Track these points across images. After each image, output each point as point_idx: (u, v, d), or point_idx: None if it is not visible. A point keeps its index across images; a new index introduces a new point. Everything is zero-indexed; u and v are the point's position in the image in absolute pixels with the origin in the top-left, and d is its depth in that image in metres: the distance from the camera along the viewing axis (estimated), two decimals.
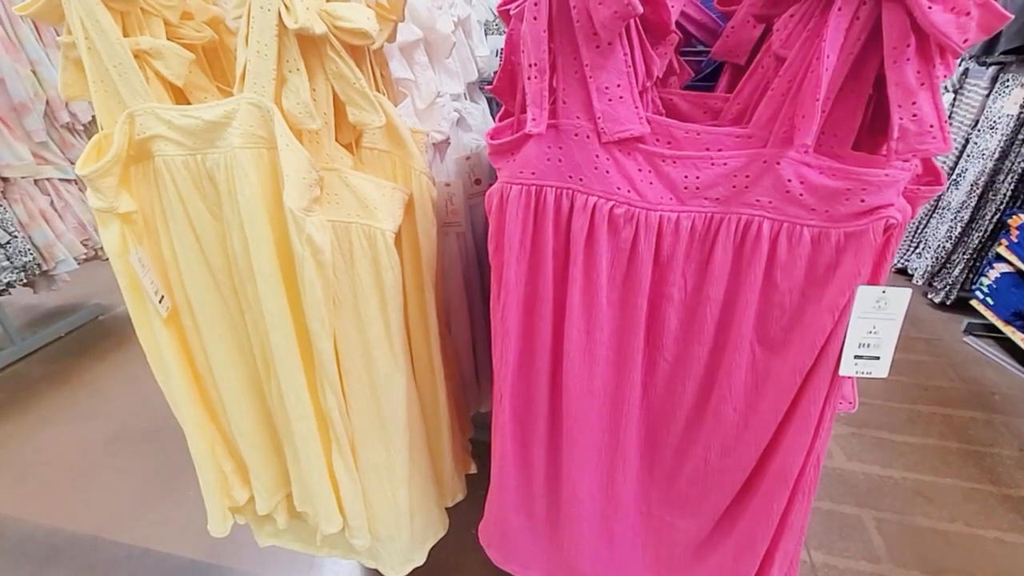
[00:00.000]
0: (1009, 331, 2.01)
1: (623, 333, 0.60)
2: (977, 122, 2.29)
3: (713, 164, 0.52)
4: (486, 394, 1.16)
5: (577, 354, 0.60)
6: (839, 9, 0.43)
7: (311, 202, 0.63)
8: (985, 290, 2.14)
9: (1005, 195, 2.17)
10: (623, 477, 0.70)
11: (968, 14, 0.40)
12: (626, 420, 0.65)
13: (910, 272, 2.56)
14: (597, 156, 0.52)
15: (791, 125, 0.49)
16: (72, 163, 2.20)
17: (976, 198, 2.23)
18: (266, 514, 0.92)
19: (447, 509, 1.01)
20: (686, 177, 0.52)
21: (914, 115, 0.45)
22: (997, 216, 2.21)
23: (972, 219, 2.27)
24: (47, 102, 2.03)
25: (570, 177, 0.53)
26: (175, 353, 0.78)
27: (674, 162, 0.52)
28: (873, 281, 0.52)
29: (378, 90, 0.70)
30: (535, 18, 0.47)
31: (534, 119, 0.50)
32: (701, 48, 0.71)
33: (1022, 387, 1.92)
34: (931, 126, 0.45)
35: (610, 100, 0.50)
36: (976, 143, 2.27)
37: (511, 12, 0.52)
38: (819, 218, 0.50)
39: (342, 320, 0.72)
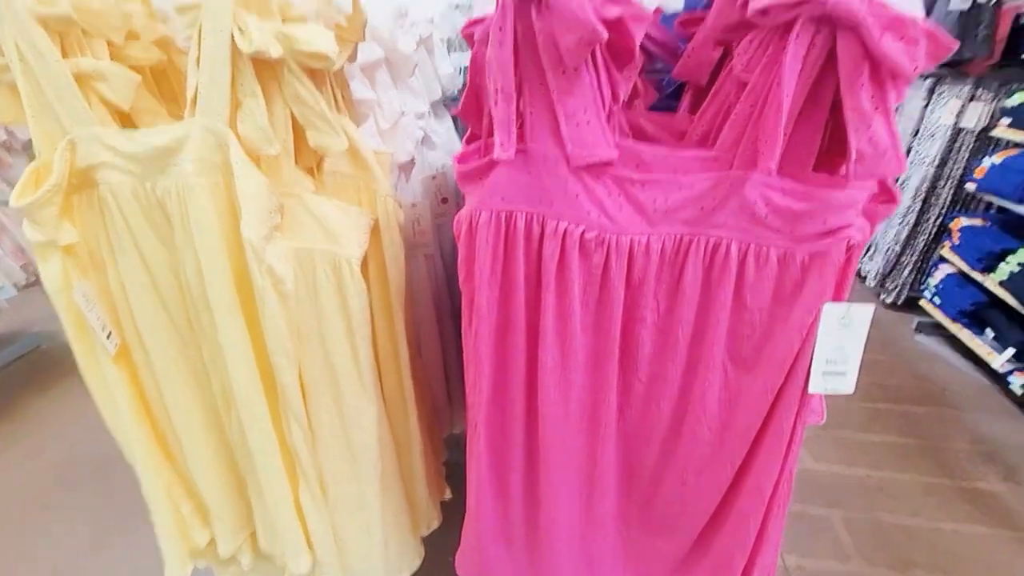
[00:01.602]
0: (956, 328, 2.11)
1: (598, 357, 0.59)
2: (918, 131, 2.43)
3: (681, 187, 0.52)
4: (459, 415, 1.14)
5: (552, 380, 0.59)
6: (796, 37, 0.44)
7: (271, 230, 0.61)
8: (932, 290, 2.25)
9: (946, 200, 2.30)
10: (601, 499, 0.69)
11: (917, 43, 0.42)
12: (603, 443, 0.64)
13: (863, 275, 2.67)
14: (567, 181, 0.51)
15: (755, 148, 0.49)
16: (8, 184, 2.07)
17: (920, 203, 2.35)
18: (230, 556, 0.87)
19: (422, 538, 0.98)
20: (655, 200, 0.52)
21: (871, 139, 0.46)
22: (940, 220, 2.33)
23: (917, 223, 2.40)
24: None
25: (540, 202, 0.53)
26: (125, 391, 0.74)
27: (643, 186, 0.52)
28: (837, 298, 0.53)
29: (339, 111, 0.67)
30: (500, 44, 0.47)
31: (502, 145, 0.50)
32: (662, 66, 0.73)
33: (970, 382, 2.02)
34: (887, 149, 0.47)
35: (578, 125, 0.49)
36: (917, 151, 2.40)
37: (475, 36, 0.51)
38: (784, 239, 0.51)
39: (307, 351, 0.69)
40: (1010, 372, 1.87)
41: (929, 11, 2.20)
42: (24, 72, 0.58)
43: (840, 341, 0.53)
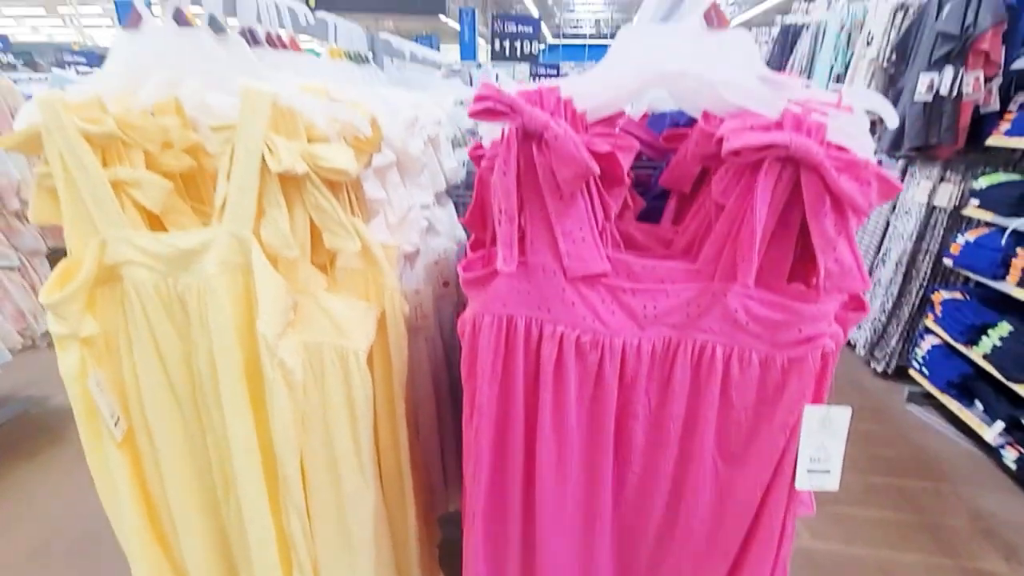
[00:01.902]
0: (946, 400, 2.14)
1: (593, 451, 0.62)
2: (894, 207, 2.56)
3: (668, 295, 0.57)
4: (454, 494, 1.14)
5: (549, 473, 0.62)
6: (765, 173, 0.51)
7: (284, 327, 0.64)
8: (920, 360, 2.30)
9: (926, 273, 2.39)
10: None
11: (869, 184, 0.48)
12: (599, 535, 0.65)
13: (852, 343, 2.72)
14: (563, 290, 0.56)
15: (733, 263, 0.55)
16: (16, 249, 2.12)
17: (901, 276, 2.44)
18: None
19: None
20: (644, 306, 0.57)
21: (836, 259, 0.52)
22: (922, 292, 2.41)
23: (901, 294, 2.47)
24: None
25: (539, 308, 0.57)
26: (126, 476, 0.74)
27: (633, 293, 0.57)
28: (816, 400, 0.57)
29: (353, 212, 0.73)
30: (505, 173, 0.53)
31: (505, 259, 0.55)
32: (648, 161, 0.80)
33: (964, 455, 2.02)
34: (851, 268, 0.52)
35: (574, 242, 0.55)
36: (895, 226, 2.52)
37: (483, 161, 0.57)
38: (765, 344, 0.56)
39: (310, 438, 0.71)
40: (1002, 446, 1.88)
41: (896, 102, 2.38)
42: (65, 180, 0.64)
43: (822, 441, 0.56)
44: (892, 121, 0.56)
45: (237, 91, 0.62)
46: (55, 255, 2.25)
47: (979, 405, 2.03)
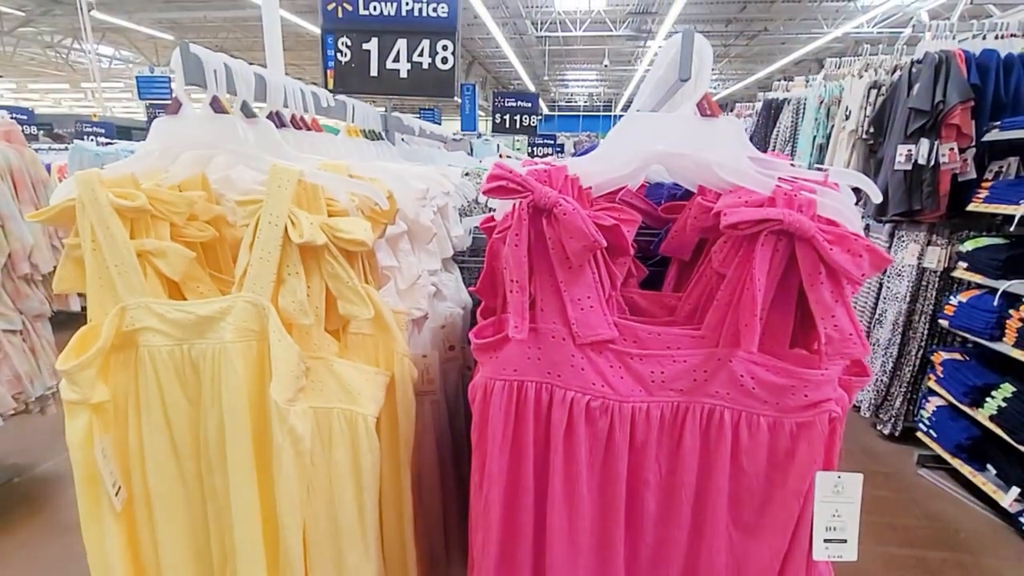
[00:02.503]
0: (957, 464, 2.09)
1: (605, 520, 0.61)
2: (886, 269, 2.62)
3: (675, 361, 0.58)
4: (456, 569, 1.09)
5: (561, 543, 0.60)
6: (762, 244, 0.54)
7: (296, 392, 0.65)
8: (927, 423, 2.27)
9: (923, 333, 2.41)
10: None
11: (861, 256, 0.51)
12: None
13: (856, 405, 2.69)
14: (573, 355, 0.58)
15: (736, 329, 0.57)
16: (20, 313, 2.13)
17: (899, 336, 2.46)
18: None
19: None
20: (652, 372, 0.58)
21: (835, 325, 0.54)
22: (921, 352, 2.42)
23: (900, 355, 2.48)
24: (8, 255, 2.03)
25: (548, 373, 0.58)
26: (121, 552, 0.72)
27: (641, 359, 0.58)
28: (827, 467, 0.57)
29: (366, 280, 0.76)
30: (516, 245, 0.56)
31: (516, 327, 0.57)
32: (648, 230, 0.83)
33: (982, 522, 1.96)
34: (850, 334, 0.54)
35: (582, 309, 0.57)
36: (889, 287, 2.57)
37: (495, 233, 0.60)
38: (772, 409, 0.56)
39: (314, 508, 0.70)
40: (1020, 512, 1.82)
41: (877, 169, 2.50)
42: (93, 251, 0.67)
43: (836, 508, 0.56)
44: (876, 197, 0.60)
45: (265, 168, 0.66)
46: (58, 318, 2.26)
47: (991, 469, 1.99)
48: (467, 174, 1.33)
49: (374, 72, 1.30)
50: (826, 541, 0.56)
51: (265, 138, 0.72)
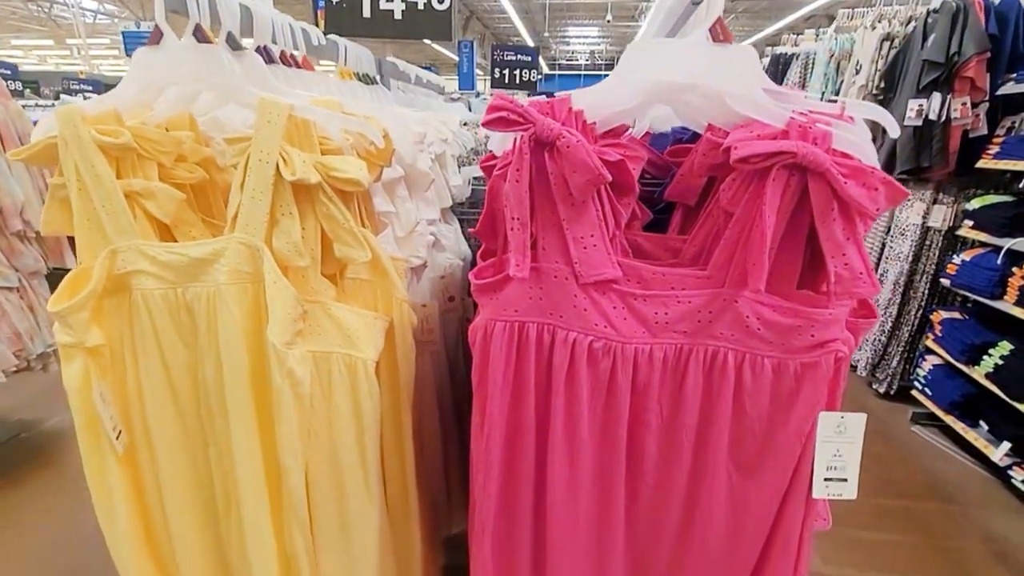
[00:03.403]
0: (950, 420, 2.12)
1: (605, 462, 0.61)
2: (889, 228, 2.59)
3: (679, 301, 0.57)
4: (458, 514, 1.11)
5: (561, 484, 0.61)
6: (773, 180, 0.52)
7: (294, 335, 0.64)
8: (922, 381, 2.29)
9: (924, 293, 2.41)
10: None
11: (876, 189, 0.49)
12: (611, 550, 0.64)
13: (853, 364, 2.71)
14: (575, 296, 0.56)
15: (743, 269, 0.55)
16: (16, 270, 2.11)
17: (900, 296, 2.45)
18: None
19: None
20: (656, 313, 0.57)
21: (846, 264, 0.52)
22: (921, 312, 2.42)
23: (900, 315, 2.48)
24: (0, 210, 1.99)
25: (551, 314, 0.57)
26: (125, 495, 0.73)
27: (644, 300, 0.57)
28: (830, 407, 0.57)
29: (363, 225, 0.74)
30: (517, 180, 0.53)
31: (517, 265, 0.55)
32: (651, 179, 0.81)
33: (972, 476, 2.00)
34: (860, 273, 0.52)
35: (585, 248, 0.55)
36: (891, 247, 2.55)
37: (495, 170, 0.58)
38: (777, 350, 0.56)
39: (315, 452, 0.70)
40: (1009, 466, 1.86)
41: None
42: (79, 191, 0.64)
43: (838, 448, 0.55)
44: (893, 131, 0.58)
45: (252, 104, 0.63)
46: (55, 276, 2.25)
47: (984, 426, 2.02)
48: (465, 124, 1.29)
49: (367, 13, 1.24)
50: (826, 480, 0.56)
51: (253, 72, 0.69)
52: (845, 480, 0.56)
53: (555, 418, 0.59)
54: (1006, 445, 1.88)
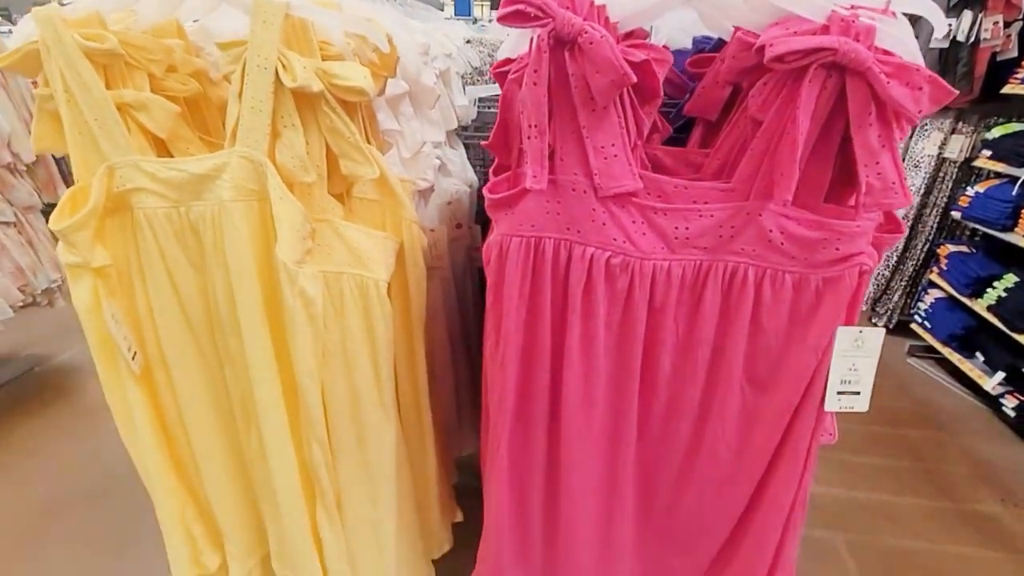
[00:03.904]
0: (947, 352, 2.16)
1: (619, 379, 0.61)
2: (903, 160, 2.52)
3: (701, 216, 0.55)
4: (468, 436, 1.15)
5: (575, 400, 0.61)
6: (809, 81, 0.48)
7: (303, 254, 0.63)
8: (923, 314, 2.31)
9: (932, 227, 2.38)
10: (619, 520, 0.70)
11: (920, 89, 0.46)
12: (623, 464, 0.66)
13: None
14: (594, 209, 0.54)
15: (770, 181, 0.53)
16: (11, 204, 2.07)
17: (907, 230, 2.42)
18: None
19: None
20: (676, 228, 0.55)
21: (878, 173, 0.50)
22: (927, 246, 2.40)
23: (906, 249, 2.46)
24: None
25: (568, 229, 0.56)
26: (145, 412, 0.74)
27: (665, 214, 0.55)
28: (848, 322, 0.56)
29: (368, 142, 0.70)
30: (535, 84, 0.50)
31: (534, 176, 0.53)
32: (668, 100, 0.77)
33: (965, 406, 2.06)
34: (893, 183, 0.50)
35: (605, 158, 0.52)
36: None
37: (510, 76, 0.54)
38: (799, 265, 0.54)
39: (330, 371, 0.71)
40: (1002, 395, 1.91)
41: None
42: (68, 102, 0.61)
43: (854, 362, 0.56)
44: (940, 28, 0.54)
45: (245, 4, 0.58)
46: (50, 212, 2.21)
47: (980, 357, 2.05)
48: (468, 42, 1.21)
49: None
50: (839, 393, 0.57)
51: None
52: (858, 393, 0.57)
53: (570, 335, 0.59)
54: (1000, 375, 1.92)
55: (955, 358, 2.11)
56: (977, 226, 2.10)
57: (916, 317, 2.35)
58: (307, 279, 0.62)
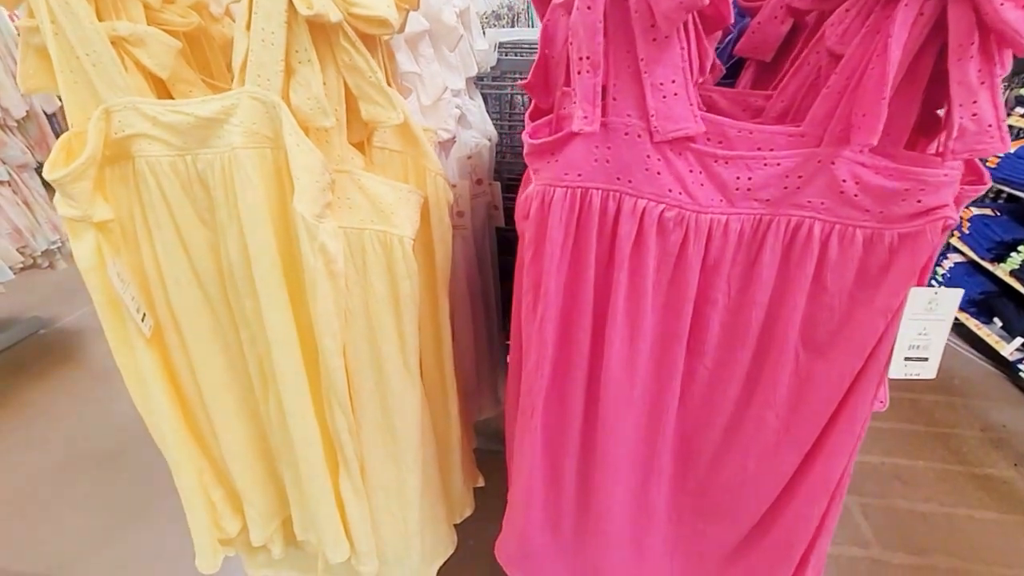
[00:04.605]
0: (963, 317, 2.13)
1: (665, 341, 0.57)
2: None
3: (766, 164, 0.50)
4: (487, 400, 1.13)
5: (618, 364, 0.57)
6: (905, 5, 0.42)
7: (323, 208, 0.57)
8: (940, 280, 2.26)
9: None
10: (655, 486, 0.67)
11: None
12: (663, 429, 0.63)
13: None
14: (648, 156, 0.49)
15: (847, 124, 0.47)
16: (3, 163, 2.00)
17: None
18: (261, 544, 0.85)
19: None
20: (738, 178, 0.50)
21: (974, 114, 0.44)
22: None
23: None
24: None
25: (618, 179, 0.50)
26: (158, 375, 0.71)
27: (726, 162, 0.50)
28: (920, 282, 0.51)
29: (388, 84, 0.64)
30: (589, 8, 0.44)
31: (585, 117, 0.47)
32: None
33: (980, 372, 2.04)
34: (990, 125, 0.45)
35: (664, 97, 0.47)
36: None
37: (554, 1, 0.48)
38: (873, 219, 0.49)
39: (352, 334, 0.67)
40: (1019, 361, 1.89)
41: None
42: (56, 35, 0.54)
43: (925, 326, 0.51)
44: None
45: None
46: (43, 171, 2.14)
47: (997, 322, 2.02)
48: None
49: None
50: (906, 359, 0.53)
51: None
52: (926, 359, 0.53)
53: (616, 295, 0.54)
54: (1019, 340, 1.89)
55: (972, 323, 2.08)
56: (1003, 187, 2.03)
57: (934, 282, 2.31)
58: (328, 234, 0.57)
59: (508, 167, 1.15)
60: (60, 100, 0.59)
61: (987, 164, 2.08)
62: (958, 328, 2.20)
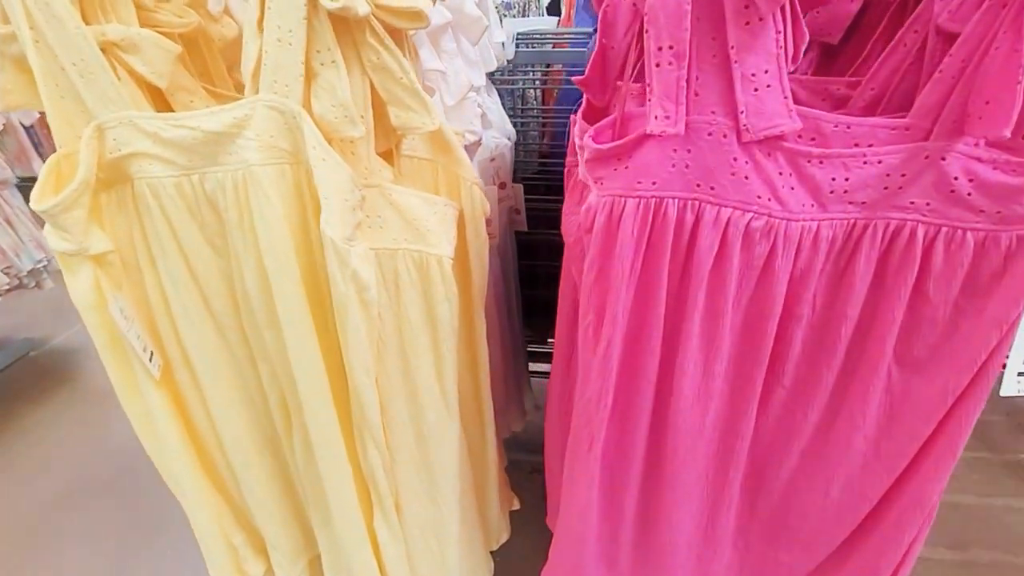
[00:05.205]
0: None
1: (743, 364, 0.51)
2: None
3: (866, 163, 0.43)
4: (515, 415, 1.07)
5: (690, 391, 0.51)
6: None
7: (353, 229, 0.51)
8: None
9: None
10: (725, 515, 0.62)
11: None
12: (736, 458, 0.57)
13: None
14: (735, 159, 0.42)
15: (962, 113, 0.41)
16: None
17: None
18: None
19: None
20: (833, 180, 0.44)
21: None
22: None
23: None
24: None
25: (698, 186, 0.44)
26: (170, 417, 0.64)
27: (821, 162, 0.43)
28: None
29: None
30: None
31: (668, 116, 0.40)
32: None
33: None
34: None
35: (756, 90, 0.40)
36: None
37: None
38: (987, 220, 0.43)
39: (385, 364, 0.60)
40: None
41: None
42: (36, 42, 0.47)
43: None
44: None
45: None
46: (26, 188, 2.04)
47: None
48: None
49: None
50: (1020, 375, 0.47)
51: None
52: None
53: (691, 315, 0.48)
54: None
55: None
56: None
57: None
58: (360, 259, 0.50)
59: (522, 167, 1.08)
60: (39, 112, 0.51)
61: None
62: None
